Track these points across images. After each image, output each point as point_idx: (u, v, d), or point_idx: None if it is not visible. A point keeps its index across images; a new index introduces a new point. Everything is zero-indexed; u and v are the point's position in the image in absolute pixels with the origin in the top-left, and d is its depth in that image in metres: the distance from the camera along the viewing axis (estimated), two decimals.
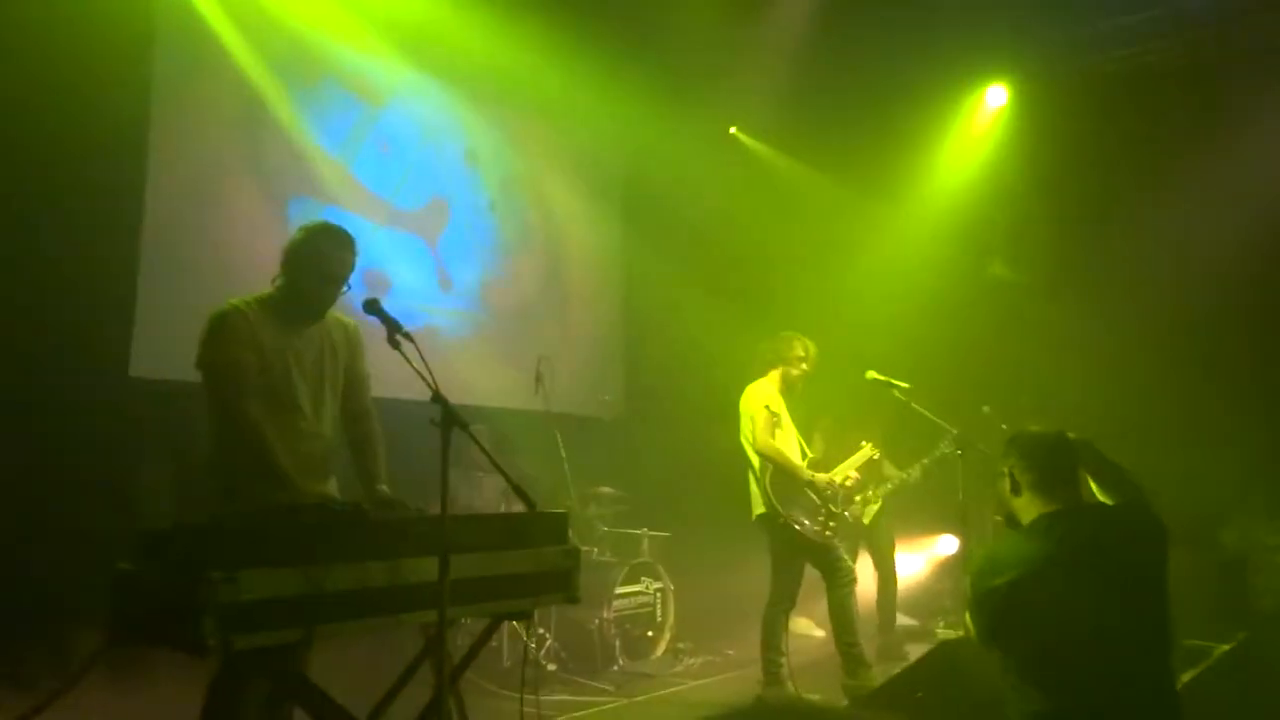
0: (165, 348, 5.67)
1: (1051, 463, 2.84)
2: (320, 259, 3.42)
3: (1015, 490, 2.87)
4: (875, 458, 5.99)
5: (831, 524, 5.42)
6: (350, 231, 3.51)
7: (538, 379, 6.48)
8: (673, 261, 8.31)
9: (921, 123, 8.21)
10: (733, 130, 9.07)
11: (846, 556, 5.54)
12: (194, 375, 3.34)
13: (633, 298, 9.05)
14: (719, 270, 8.41)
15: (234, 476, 3.26)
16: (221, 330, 3.33)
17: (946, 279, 7.92)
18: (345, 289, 3.48)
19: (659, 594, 6.64)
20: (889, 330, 7.42)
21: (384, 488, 3.48)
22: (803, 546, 5.41)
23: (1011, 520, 2.90)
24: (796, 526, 5.34)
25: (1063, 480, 2.83)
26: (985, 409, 6.28)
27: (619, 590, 6.33)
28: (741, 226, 8.53)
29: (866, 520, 6.78)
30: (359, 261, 3.52)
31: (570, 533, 3.36)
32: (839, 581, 5.40)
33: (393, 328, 3.04)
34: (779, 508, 5.36)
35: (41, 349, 5.23)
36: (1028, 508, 2.84)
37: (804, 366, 5.61)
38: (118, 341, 5.70)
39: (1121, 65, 7.40)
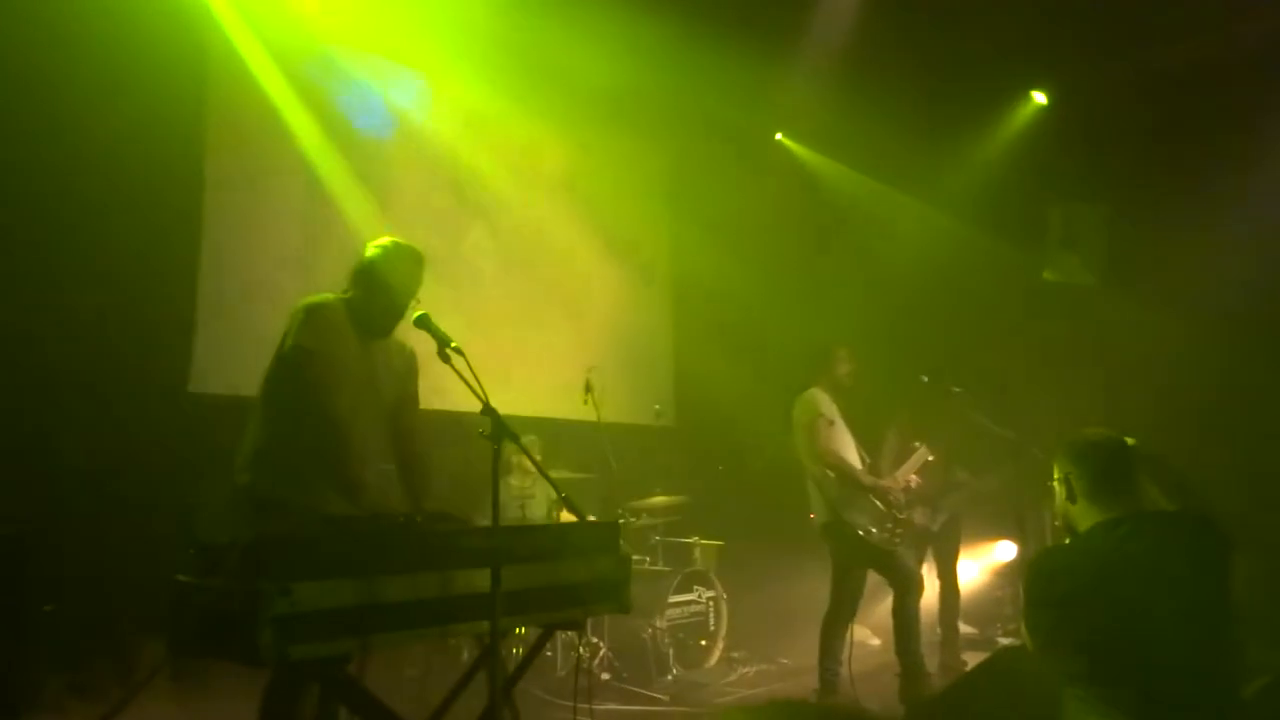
0: (223, 365, 5.80)
1: (1109, 468, 2.78)
2: (392, 277, 3.47)
3: (1072, 497, 2.82)
4: (930, 460, 5.87)
5: (899, 531, 5.35)
6: (418, 249, 3.56)
7: (587, 389, 6.50)
8: (721, 268, 8.29)
9: (967, 124, 8.12)
10: (778, 136, 9.05)
11: (913, 563, 5.45)
12: (250, 390, 3.39)
13: (682, 304, 9.05)
14: (767, 276, 8.37)
15: (279, 477, 3.26)
16: (320, 319, 3.35)
17: (999, 281, 7.81)
18: (416, 303, 3.51)
19: (712, 603, 6.61)
20: (943, 333, 7.33)
21: (429, 504, 3.51)
22: (868, 554, 5.34)
23: (1070, 527, 2.84)
24: (861, 534, 5.28)
25: (1121, 486, 2.77)
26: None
27: (672, 599, 6.31)
28: (792, 231, 8.50)
29: (936, 527, 6.67)
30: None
31: (622, 542, 3.36)
32: (906, 589, 5.32)
33: (443, 342, 3.07)
34: (843, 515, 5.30)
35: (104, 367, 5.37)
36: (1085, 514, 2.78)
37: (848, 369, 5.56)
38: (178, 358, 5.83)
39: (1169, 61, 7.26)
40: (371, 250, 3.53)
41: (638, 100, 7.67)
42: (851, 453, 5.50)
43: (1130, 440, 2.88)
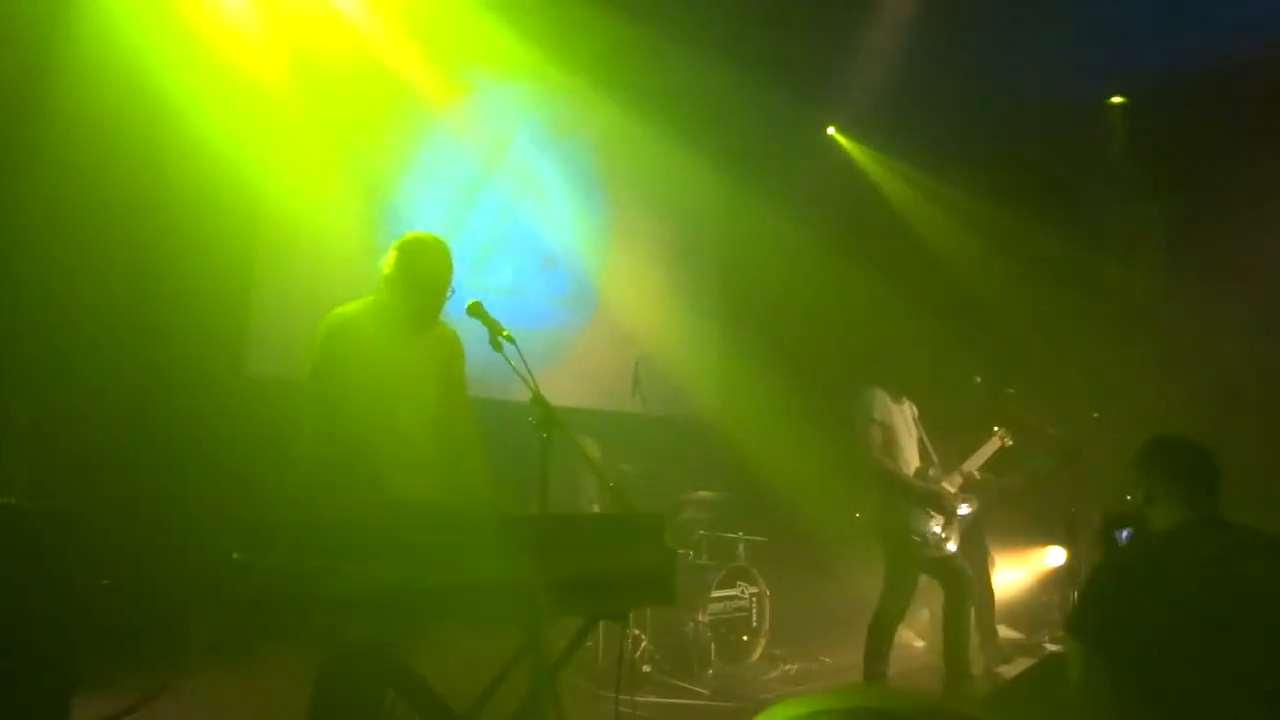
0: (277, 347, 5.89)
1: (1190, 472, 2.72)
2: (417, 276, 3.48)
3: (1149, 500, 2.76)
4: (1008, 445, 5.77)
5: (949, 535, 5.30)
6: (442, 238, 3.57)
7: (635, 381, 6.50)
8: (771, 262, 8.25)
9: (1029, 122, 7.99)
10: (830, 131, 8.97)
11: (966, 565, 5.39)
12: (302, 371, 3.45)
13: (730, 295, 9.00)
14: (817, 272, 8.30)
15: (334, 480, 3.34)
16: (331, 339, 3.42)
17: (1054, 281, 7.69)
18: (450, 293, 3.53)
19: (755, 599, 6.59)
20: (997, 333, 7.23)
21: (483, 492, 3.54)
22: (922, 561, 5.30)
23: (1141, 530, 2.78)
24: (916, 539, 5.24)
25: (1201, 491, 2.70)
26: (1095, 415, 6.09)
27: (715, 594, 6.30)
28: (844, 226, 8.42)
29: (965, 525, 6.59)
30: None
31: (666, 535, 3.36)
32: (960, 592, 5.28)
33: (495, 330, 3.09)
34: (895, 519, 5.26)
35: (161, 351, 5.47)
36: (1162, 517, 2.72)
37: (909, 371, 5.49)
38: (233, 341, 5.93)
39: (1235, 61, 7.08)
40: (393, 250, 3.54)
41: (687, 93, 7.64)
42: (911, 455, 5.42)
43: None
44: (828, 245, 8.32)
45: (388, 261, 3.52)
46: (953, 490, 5.38)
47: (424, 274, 3.48)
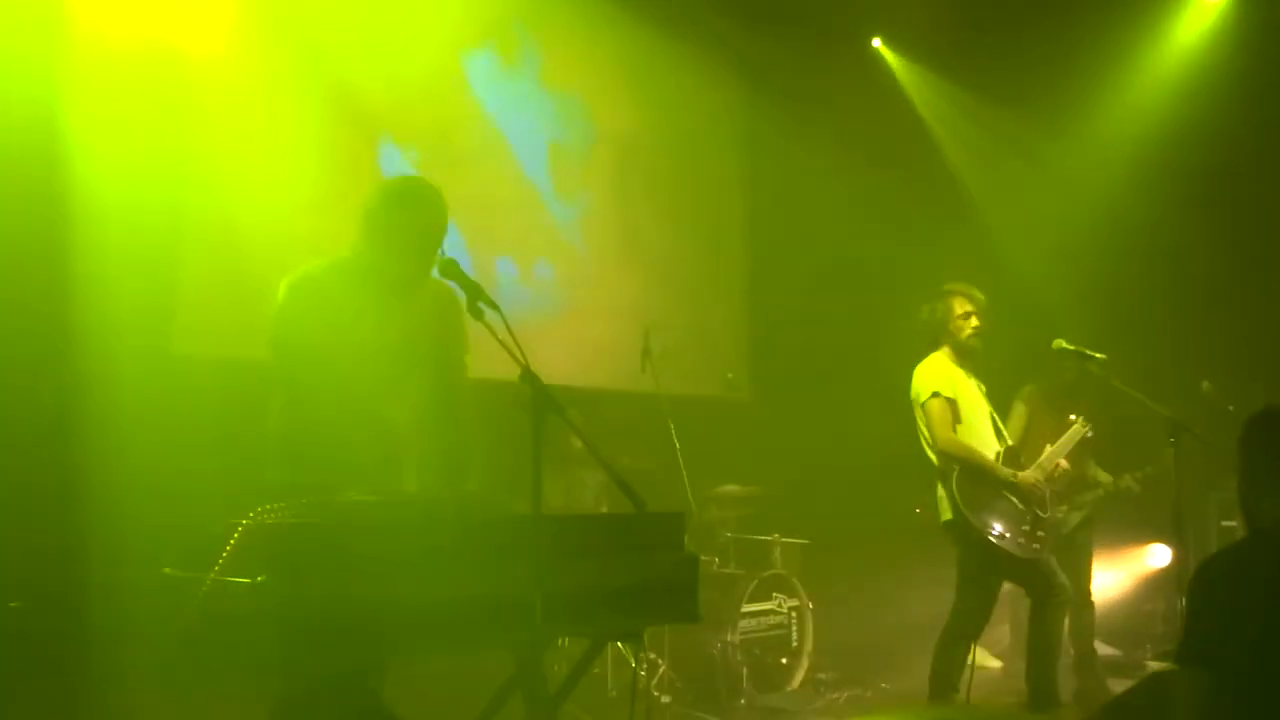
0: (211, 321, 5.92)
1: None
2: (408, 226, 3.50)
3: (1254, 487, 2.78)
4: (1089, 436, 5.78)
5: (1040, 533, 5.29)
6: (437, 187, 3.59)
7: (645, 353, 6.51)
8: (806, 206, 8.23)
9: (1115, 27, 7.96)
10: (876, 43, 8.93)
11: (1059, 570, 5.40)
12: (237, 350, 3.48)
13: (759, 250, 9.00)
14: (865, 215, 8.28)
15: (299, 465, 3.38)
16: (293, 303, 3.45)
17: (1152, 224, 7.67)
18: (441, 253, 3.53)
19: (794, 613, 6.64)
20: (1080, 288, 7.22)
21: (472, 485, 3.56)
22: (1001, 563, 5.28)
23: (1253, 522, 2.80)
24: (993, 538, 5.21)
25: None
26: (1205, 385, 6.08)
27: (746, 608, 6.35)
28: (892, 161, 8.40)
29: (1067, 529, 6.61)
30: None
31: (686, 539, 3.39)
32: (1050, 602, 5.27)
33: (474, 294, 3.10)
34: (970, 518, 5.22)
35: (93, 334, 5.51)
36: (1276, 507, 2.74)
37: (975, 324, 5.47)
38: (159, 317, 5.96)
39: None
40: (377, 194, 3.56)
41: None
42: (986, 434, 5.43)
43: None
44: (879, 183, 8.30)
45: (370, 209, 3.53)
46: (1043, 479, 5.37)
47: (416, 224, 3.50)
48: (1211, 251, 7.72)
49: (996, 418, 5.55)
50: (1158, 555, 7.78)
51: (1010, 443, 5.54)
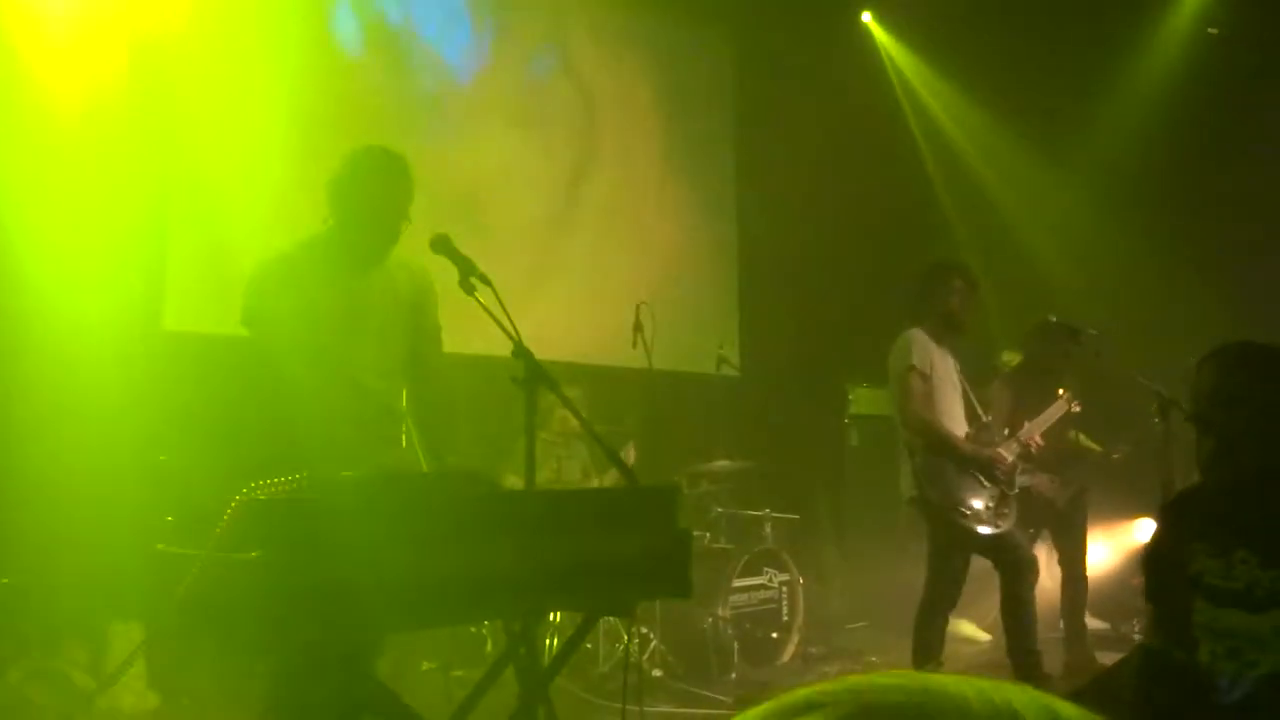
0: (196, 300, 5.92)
1: None
2: (366, 194, 3.49)
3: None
4: (1075, 411, 5.79)
5: (1005, 510, 5.33)
6: (403, 156, 3.57)
7: (636, 328, 6.50)
8: (799, 181, 8.21)
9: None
10: (865, 18, 8.90)
11: (1025, 543, 5.44)
12: (228, 327, 3.48)
13: (750, 225, 8.98)
14: (859, 191, 8.28)
15: (282, 442, 3.38)
16: (264, 281, 3.45)
17: (1151, 192, 7.67)
18: (406, 222, 3.54)
19: (785, 588, 6.66)
20: (1075, 261, 7.23)
21: (453, 460, 3.57)
22: (967, 538, 5.34)
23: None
24: (955, 515, 5.26)
25: None
26: (1194, 361, 6.07)
27: (737, 583, 6.37)
28: (888, 135, 8.39)
29: (1062, 502, 6.62)
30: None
31: (679, 513, 3.39)
32: (1016, 575, 5.32)
33: (467, 269, 3.09)
34: (931, 494, 5.28)
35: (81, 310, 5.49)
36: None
37: (964, 300, 5.48)
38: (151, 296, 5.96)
39: None
40: (341, 165, 3.55)
41: None
42: (957, 411, 5.46)
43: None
44: (876, 149, 8.29)
45: (334, 180, 3.53)
46: (1009, 458, 5.41)
47: (373, 192, 3.50)
48: (1203, 231, 7.74)
49: (971, 395, 5.56)
50: (1145, 530, 7.81)
51: (987, 419, 5.56)
